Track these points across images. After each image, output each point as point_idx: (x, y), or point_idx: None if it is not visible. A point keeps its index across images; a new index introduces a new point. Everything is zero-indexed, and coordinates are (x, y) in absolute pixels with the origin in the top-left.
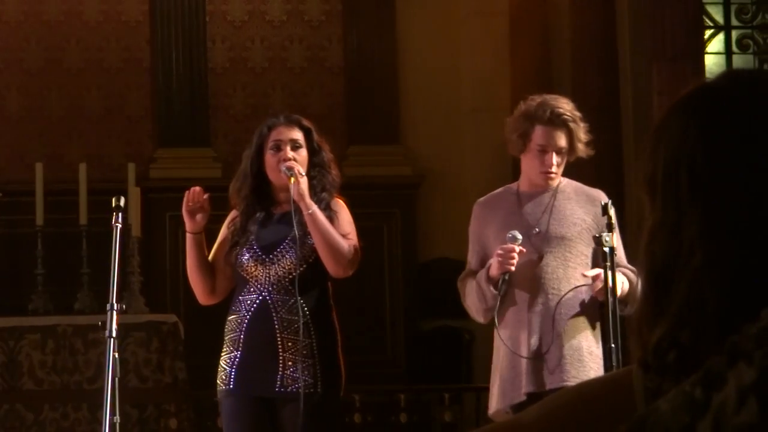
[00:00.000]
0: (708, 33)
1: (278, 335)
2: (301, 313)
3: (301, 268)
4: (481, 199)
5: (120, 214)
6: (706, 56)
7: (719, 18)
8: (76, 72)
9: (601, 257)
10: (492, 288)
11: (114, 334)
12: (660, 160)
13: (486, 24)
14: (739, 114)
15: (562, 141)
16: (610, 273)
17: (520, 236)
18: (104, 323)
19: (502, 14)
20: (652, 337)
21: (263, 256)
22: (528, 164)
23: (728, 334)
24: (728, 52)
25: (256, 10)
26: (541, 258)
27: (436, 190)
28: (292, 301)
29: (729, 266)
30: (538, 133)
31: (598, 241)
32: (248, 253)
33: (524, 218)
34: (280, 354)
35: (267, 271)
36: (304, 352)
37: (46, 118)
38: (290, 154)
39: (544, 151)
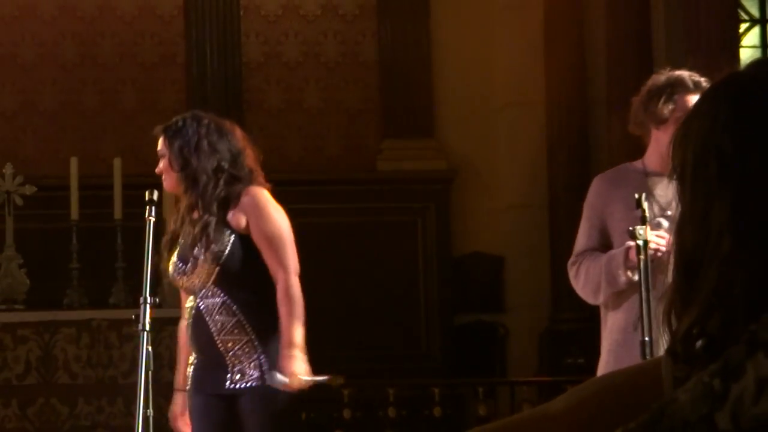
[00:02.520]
0: (743, 26)
1: (216, 338)
2: (236, 312)
3: (216, 271)
4: (602, 174)
5: (153, 208)
6: (742, 49)
7: (755, 11)
8: (111, 67)
9: (635, 251)
10: (628, 273)
11: (147, 328)
12: (690, 148)
13: (520, 17)
14: (767, 101)
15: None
16: (643, 266)
17: (666, 222)
18: (138, 317)
19: (536, 7)
20: (681, 325)
21: (183, 267)
22: (668, 136)
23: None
24: (764, 46)
25: (290, 4)
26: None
27: (470, 184)
28: (219, 302)
29: (757, 253)
30: (684, 101)
31: (631, 235)
32: (173, 267)
33: (655, 200)
34: (224, 355)
35: (191, 280)
36: (246, 349)
37: (80, 112)
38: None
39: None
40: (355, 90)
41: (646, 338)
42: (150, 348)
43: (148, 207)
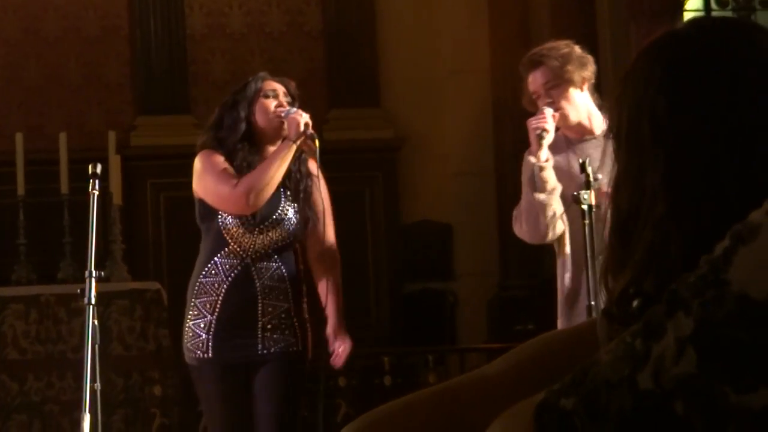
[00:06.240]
0: None
1: (260, 301)
2: (285, 279)
3: (289, 240)
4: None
5: (97, 182)
6: (685, 13)
7: None
8: (54, 41)
9: (580, 215)
10: (539, 166)
11: (93, 301)
12: (624, 109)
13: None
14: (701, 61)
15: (537, 81)
16: (588, 231)
17: (550, 109)
18: (83, 291)
19: None
20: (616, 286)
21: (253, 225)
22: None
23: None
24: (707, 10)
25: None
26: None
27: (417, 152)
28: (274, 266)
29: (691, 213)
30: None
31: (576, 200)
32: (236, 217)
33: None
34: (260, 319)
35: (253, 239)
36: (282, 315)
37: (25, 88)
38: (286, 101)
39: (538, 97)
40: (301, 60)
41: (592, 302)
42: (96, 321)
43: (91, 180)
